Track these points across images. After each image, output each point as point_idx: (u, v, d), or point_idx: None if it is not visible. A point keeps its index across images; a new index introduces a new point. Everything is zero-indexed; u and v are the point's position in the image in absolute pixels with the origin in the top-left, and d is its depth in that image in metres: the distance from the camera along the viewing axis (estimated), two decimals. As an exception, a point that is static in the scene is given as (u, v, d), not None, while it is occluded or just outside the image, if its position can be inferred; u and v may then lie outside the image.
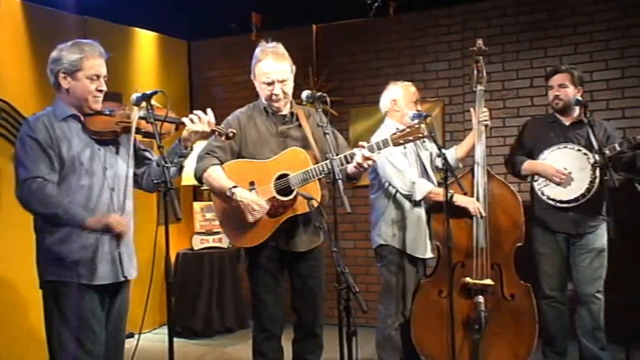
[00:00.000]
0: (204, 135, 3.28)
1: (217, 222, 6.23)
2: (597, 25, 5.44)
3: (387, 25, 6.25)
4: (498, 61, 5.70)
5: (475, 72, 4.40)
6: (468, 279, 4.21)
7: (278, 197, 3.56)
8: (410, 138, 3.52)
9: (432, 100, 5.96)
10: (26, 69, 5.11)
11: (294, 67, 3.72)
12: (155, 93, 3.08)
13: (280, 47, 3.68)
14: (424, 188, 4.21)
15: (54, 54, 3.14)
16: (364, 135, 5.52)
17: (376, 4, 6.19)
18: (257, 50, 3.70)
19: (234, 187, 3.54)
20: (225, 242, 6.30)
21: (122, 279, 3.19)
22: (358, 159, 3.44)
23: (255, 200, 3.52)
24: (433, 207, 4.32)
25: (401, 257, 4.28)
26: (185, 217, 5.80)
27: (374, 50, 6.32)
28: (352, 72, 6.40)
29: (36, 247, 3.13)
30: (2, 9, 5.03)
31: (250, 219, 3.53)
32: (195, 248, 6.25)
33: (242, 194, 3.53)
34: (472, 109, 4.38)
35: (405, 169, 4.22)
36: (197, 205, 6.35)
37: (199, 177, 3.71)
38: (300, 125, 3.72)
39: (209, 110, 3.25)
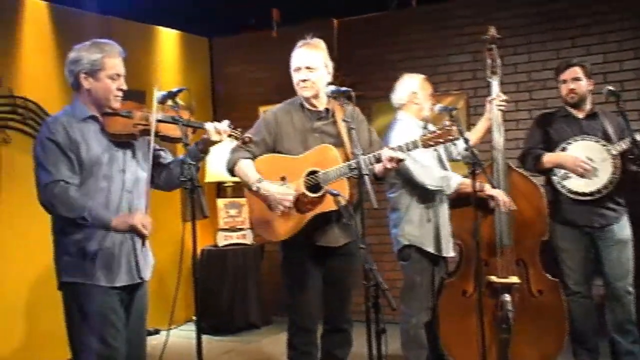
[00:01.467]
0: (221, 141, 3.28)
1: (240, 219, 6.31)
2: (626, 12, 5.32)
3: (408, 18, 6.20)
4: (524, 52, 5.63)
5: (489, 60, 4.32)
6: (493, 278, 4.10)
7: (307, 193, 3.54)
8: (441, 140, 3.45)
9: (456, 92, 5.90)
10: (51, 68, 5.15)
11: (329, 63, 3.71)
12: (180, 91, 3.07)
13: (316, 41, 3.71)
14: (455, 180, 4.13)
15: (72, 54, 3.11)
16: (386, 130, 5.47)
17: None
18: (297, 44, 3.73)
19: (260, 180, 3.55)
20: (249, 239, 6.30)
21: (138, 280, 3.18)
22: (385, 160, 3.40)
23: (280, 192, 3.52)
24: (453, 203, 4.24)
25: (425, 255, 4.20)
26: (211, 214, 5.80)
27: (395, 43, 6.27)
28: (374, 66, 6.35)
29: (54, 249, 3.13)
30: (28, 11, 5.09)
31: (277, 211, 3.53)
32: (220, 244, 6.26)
33: (267, 187, 3.54)
34: (487, 100, 4.30)
35: (430, 164, 4.16)
36: (220, 202, 6.35)
37: (229, 169, 3.74)
38: (335, 122, 3.69)
39: (225, 121, 3.22)
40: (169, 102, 3.05)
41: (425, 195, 4.18)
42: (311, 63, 3.64)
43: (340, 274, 3.73)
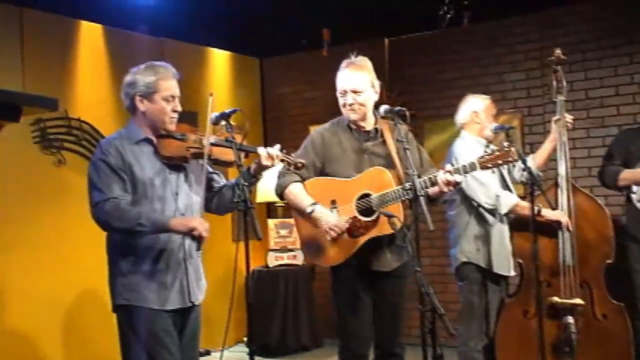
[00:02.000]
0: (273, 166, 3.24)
1: (291, 239, 6.27)
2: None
3: (460, 36, 6.13)
4: (579, 70, 5.50)
5: (554, 82, 4.27)
6: (556, 299, 4.03)
7: (359, 217, 3.45)
8: (500, 162, 3.36)
9: (510, 111, 5.80)
10: (106, 90, 5.25)
11: (376, 82, 3.60)
12: (233, 112, 3.05)
13: (361, 60, 3.59)
14: (510, 200, 4.05)
15: (128, 77, 3.14)
16: (439, 149, 5.42)
17: (449, 15, 6.09)
18: (342, 64, 3.64)
19: (314, 204, 3.48)
20: (299, 259, 6.26)
21: (189, 304, 3.16)
22: (441, 184, 3.30)
23: (334, 221, 3.43)
24: (515, 223, 4.15)
25: (484, 275, 4.13)
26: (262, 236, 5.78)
27: (447, 62, 6.21)
28: (425, 85, 6.30)
29: (108, 270, 3.14)
30: (84, 33, 5.19)
31: (329, 237, 3.46)
32: (270, 265, 6.23)
33: (321, 213, 3.46)
34: (553, 120, 4.23)
35: (489, 182, 4.08)
36: (271, 222, 6.34)
37: (279, 194, 3.65)
38: (384, 142, 3.59)
39: (276, 146, 3.19)
40: (222, 123, 3.04)
41: (484, 213, 4.11)
42: (357, 86, 3.53)
43: (392, 298, 3.63)
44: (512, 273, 4.20)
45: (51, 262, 4.74)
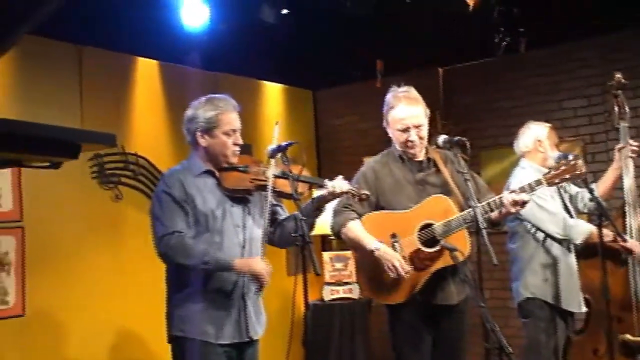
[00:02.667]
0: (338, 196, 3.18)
1: (346, 272, 6.17)
2: None
3: (517, 63, 6.01)
4: (643, 95, 5.32)
5: (616, 107, 4.12)
6: (628, 337, 3.82)
7: (423, 248, 3.34)
8: (567, 176, 3.25)
9: (571, 139, 5.63)
10: (161, 124, 5.30)
11: (427, 111, 3.53)
12: (290, 145, 3.03)
13: (412, 91, 3.51)
14: (585, 229, 3.88)
15: (189, 112, 3.15)
16: (496, 179, 5.28)
17: (505, 42, 5.99)
18: (389, 96, 3.54)
19: (378, 244, 3.34)
20: (355, 293, 6.15)
21: (247, 339, 3.11)
22: (508, 205, 3.20)
23: (401, 264, 3.29)
24: (582, 254, 3.98)
25: (551, 311, 3.94)
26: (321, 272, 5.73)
27: (503, 90, 6.10)
28: (481, 114, 6.19)
29: (166, 302, 3.14)
30: (140, 70, 5.26)
31: (391, 276, 3.32)
32: (326, 299, 6.13)
33: (385, 252, 3.32)
34: (616, 148, 4.08)
35: (558, 212, 3.93)
36: (326, 255, 6.26)
37: (336, 232, 3.54)
38: (438, 171, 3.51)
39: (339, 177, 3.14)
40: (279, 156, 3.01)
41: (551, 245, 3.95)
42: (419, 120, 3.46)
43: (455, 335, 3.49)
44: (583, 309, 4.01)
45: (108, 296, 4.75)
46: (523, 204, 3.23)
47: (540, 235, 3.95)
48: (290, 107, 6.73)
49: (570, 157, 3.30)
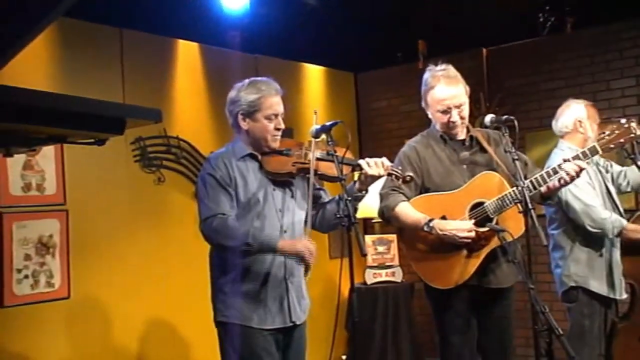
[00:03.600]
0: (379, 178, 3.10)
1: (389, 256, 6.13)
2: None
3: (562, 43, 5.87)
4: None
5: None
6: None
7: (476, 228, 3.22)
8: (622, 140, 3.17)
9: (619, 119, 5.46)
10: (203, 108, 5.30)
11: (467, 88, 3.45)
12: (335, 124, 2.99)
13: (451, 70, 3.43)
14: (617, 224, 3.78)
15: (231, 94, 3.13)
16: (541, 161, 5.15)
17: (550, 22, 5.85)
18: (427, 76, 3.46)
19: (430, 220, 3.25)
20: (398, 276, 6.10)
21: (290, 324, 3.09)
22: (570, 171, 3.11)
23: (460, 226, 3.20)
24: (624, 243, 3.87)
25: (594, 298, 3.85)
26: (357, 251, 5.69)
27: (549, 71, 5.95)
28: (526, 95, 6.05)
29: (211, 286, 3.15)
30: (181, 52, 5.26)
31: (463, 243, 3.21)
32: (369, 282, 6.10)
33: (443, 225, 3.24)
34: None
35: (594, 204, 3.81)
36: (368, 239, 6.22)
37: (386, 217, 3.46)
38: (482, 150, 3.43)
39: (383, 158, 3.07)
40: (323, 137, 2.97)
41: (592, 234, 3.84)
42: (460, 100, 3.38)
43: (503, 318, 3.43)
44: (624, 295, 3.92)
45: (152, 279, 4.79)
46: (580, 170, 3.14)
47: (578, 226, 3.84)
48: (332, 90, 6.67)
49: (623, 120, 3.19)
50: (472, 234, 3.17)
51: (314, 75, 6.55)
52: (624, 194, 4.19)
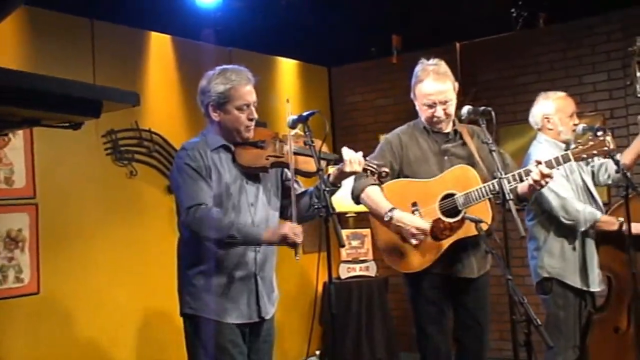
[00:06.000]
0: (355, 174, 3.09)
1: (363, 250, 6.12)
2: None
3: (535, 38, 5.90)
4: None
5: (637, 74, 3.97)
6: None
7: (444, 218, 3.30)
8: (595, 152, 3.20)
9: (591, 114, 5.51)
10: (176, 101, 5.24)
11: (456, 85, 3.49)
12: (312, 114, 2.93)
13: (442, 66, 3.47)
14: (590, 216, 3.80)
15: (202, 83, 3.06)
16: (515, 155, 5.13)
17: (523, 17, 5.87)
18: (417, 69, 3.50)
19: (392, 209, 3.32)
20: (372, 271, 6.10)
21: (257, 319, 3.04)
22: (534, 176, 3.15)
23: (415, 223, 3.28)
24: (601, 236, 3.89)
25: (569, 289, 3.87)
26: (333, 247, 5.68)
27: (522, 65, 5.98)
28: (500, 90, 6.08)
29: (177, 278, 3.09)
30: (153, 45, 5.19)
31: (413, 242, 3.29)
32: (342, 277, 6.07)
33: (401, 217, 3.30)
34: (639, 118, 3.97)
35: (567, 196, 3.83)
36: (342, 233, 6.18)
37: (355, 197, 3.52)
38: (464, 144, 3.47)
39: (359, 153, 3.03)
40: (300, 127, 2.93)
41: (565, 226, 3.86)
42: (446, 96, 3.41)
43: (477, 308, 3.45)
44: (599, 288, 3.94)
45: (123, 274, 4.73)
46: (549, 177, 3.17)
47: (552, 217, 3.87)
48: (305, 84, 6.64)
49: (600, 133, 3.21)
50: (424, 237, 3.26)
51: (287, 69, 6.51)
52: (603, 187, 4.21)
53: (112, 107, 2.00)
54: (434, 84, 3.40)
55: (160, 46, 5.24)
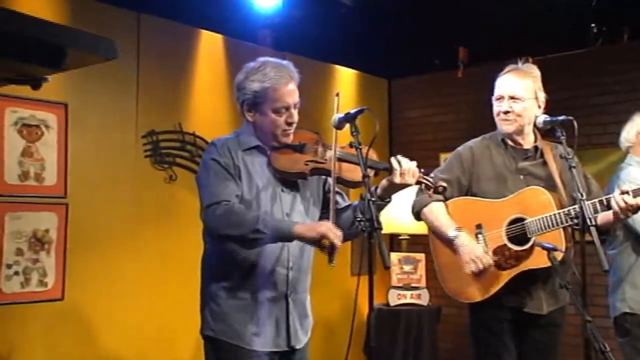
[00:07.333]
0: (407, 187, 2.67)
1: (416, 276, 5.69)
2: None
3: (617, 54, 5.43)
4: None
5: None
6: None
7: (510, 245, 2.95)
8: None
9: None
10: (224, 105, 4.96)
11: (541, 94, 3.17)
12: (360, 112, 2.52)
13: (528, 67, 3.21)
14: None
15: (239, 77, 2.70)
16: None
17: (602, 31, 5.41)
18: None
19: (458, 229, 3.01)
20: (424, 299, 5.65)
21: (287, 348, 2.64)
22: (619, 204, 2.74)
23: (478, 254, 2.96)
24: None
25: None
26: (380, 269, 5.25)
27: (600, 84, 5.52)
28: (573, 110, 5.54)
29: (200, 294, 2.73)
30: (203, 44, 4.94)
31: (468, 270, 2.95)
32: (392, 304, 5.64)
33: (465, 241, 2.98)
34: None
35: None
36: (394, 256, 5.78)
37: (416, 212, 3.23)
38: (545, 163, 3.10)
39: (413, 162, 2.62)
40: (347, 127, 2.55)
41: None
42: (516, 92, 3.08)
43: (544, 350, 3.06)
44: None
45: (153, 285, 4.43)
46: (638, 209, 2.78)
47: None
48: (364, 96, 6.28)
49: None
50: (485, 266, 2.98)
51: (345, 78, 6.20)
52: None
53: (80, 58, 1.60)
54: (507, 77, 3.17)
55: (210, 45, 4.97)
